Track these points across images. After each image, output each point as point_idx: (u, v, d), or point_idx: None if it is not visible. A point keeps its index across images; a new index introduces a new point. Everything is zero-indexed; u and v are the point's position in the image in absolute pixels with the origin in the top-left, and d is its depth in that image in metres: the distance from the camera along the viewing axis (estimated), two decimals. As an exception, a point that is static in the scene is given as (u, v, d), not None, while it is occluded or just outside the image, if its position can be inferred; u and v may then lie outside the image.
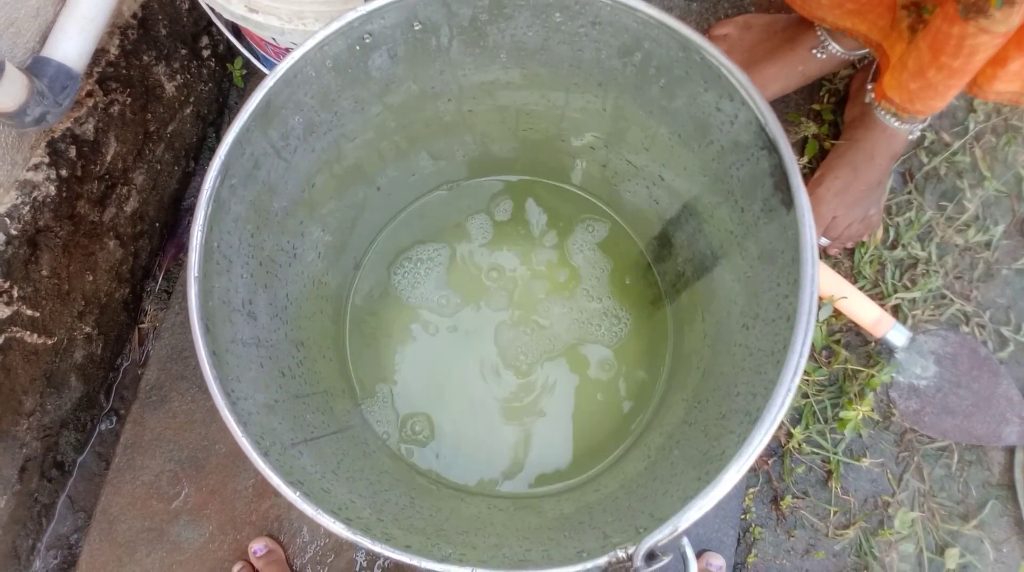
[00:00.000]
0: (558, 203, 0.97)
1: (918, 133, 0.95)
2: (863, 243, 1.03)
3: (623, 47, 0.66)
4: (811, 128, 1.06)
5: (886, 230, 1.04)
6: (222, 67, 1.12)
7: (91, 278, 0.95)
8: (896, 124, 0.90)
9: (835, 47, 0.95)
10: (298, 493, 0.56)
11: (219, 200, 0.61)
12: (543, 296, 0.94)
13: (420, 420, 0.90)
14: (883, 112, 0.90)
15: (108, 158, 0.92)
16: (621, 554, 0.54)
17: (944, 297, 1.03)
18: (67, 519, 1.04)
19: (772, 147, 0.60)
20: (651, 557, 0.53)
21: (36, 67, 0.78)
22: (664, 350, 0.91)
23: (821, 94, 1.08)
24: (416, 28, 0.65)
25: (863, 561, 0.97)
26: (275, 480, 0.56)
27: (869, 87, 0.92)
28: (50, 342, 0.91)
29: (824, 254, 1.04)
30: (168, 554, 0.98)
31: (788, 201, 0.59)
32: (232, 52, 1.12)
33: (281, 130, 0.66)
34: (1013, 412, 0.98)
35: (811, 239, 0.57)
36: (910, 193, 1.06)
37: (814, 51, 0.97)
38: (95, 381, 1.03)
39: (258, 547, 0.95)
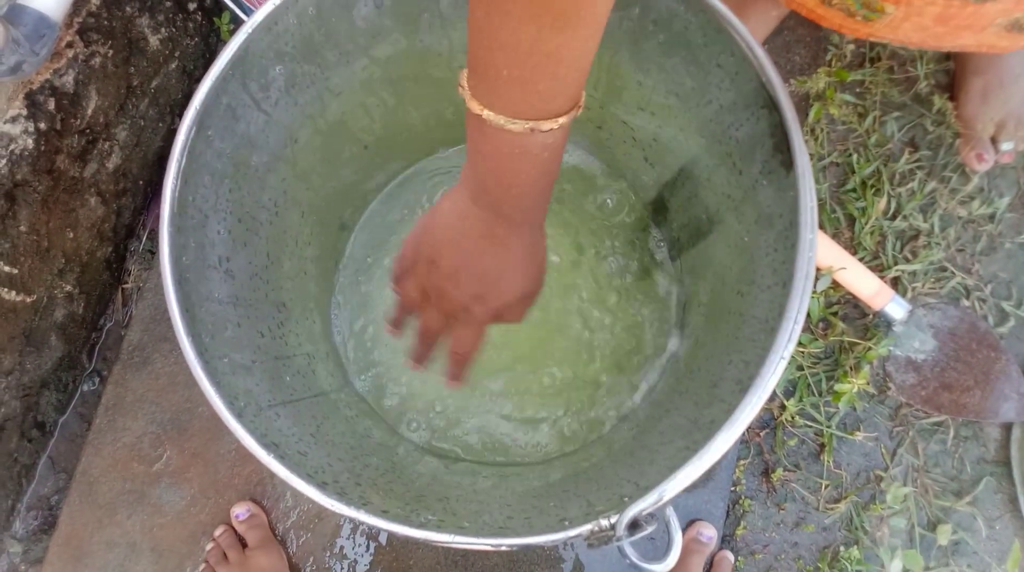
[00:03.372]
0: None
1: None
2: (864, 212, 1.00)
3: (621, 0, 0.63)
4: (822, 82, 1.03)
5: (888, 200, 1.01)
6: (209, 21, 1.09)
7: (72, 235, 0.93)
8: None
9: None
10: (272, 455, 0.54)
11: (194, 152, 0.58)
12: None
13: (406, 384, 0.88)
14: None
15: (89, 112, 0.89)
16: (604, 523, 0.52)
17: (945, 270, 1.01)
18: (48, 480, 1.03)
19: (773, 106, 0.57)
20: (634, 526, 0.52)
21: (12, 15, 0.75)
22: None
23: (828, 58, 1.05)
24: (403, -25, 0.62)
25: (853, 535, 0.96)
26: (248, 441, 0.54)
27: None
28: (29, 300, 0.89)
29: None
30: (149, 517, 0.96)
31: (788, 162, 0.57)
32: (219, 5, 1.09)
33: (261, 81, 0.63)
34: (1011, 388, 0.96)
35: (810, 201, 0.54)
36: (914, 163, 1.03)
37: None
38: (77, 341, 1.01)
39: (240, 511, 0.94)
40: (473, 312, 0.57)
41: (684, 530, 0.94)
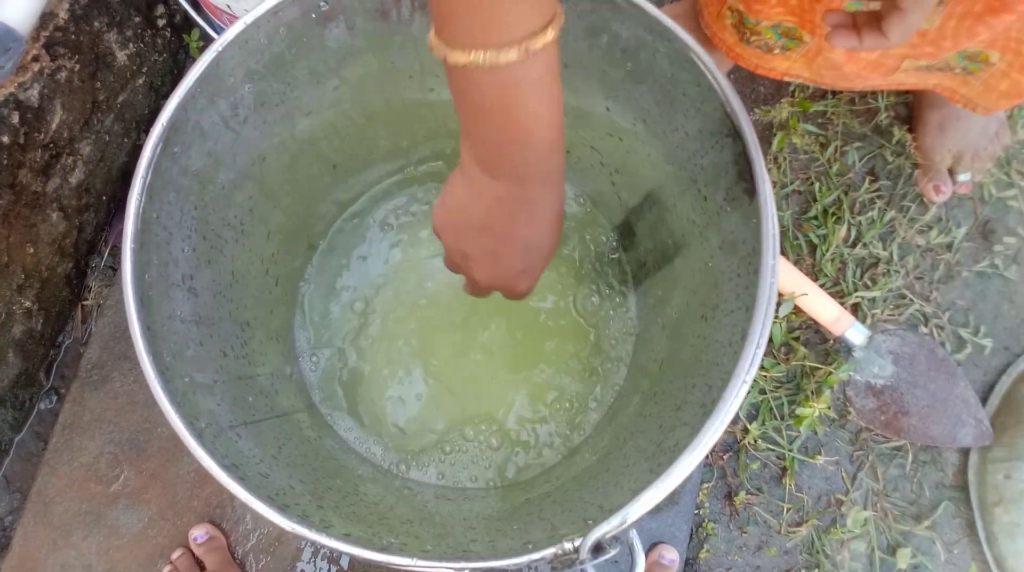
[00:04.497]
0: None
1: None
2: (825, 240, 1.02)
3: (589, 28, 0.64)
4: (785, 112, 1.05)
5: (848, 228, 1.03)
6: (178, 38, 1.08)
7: (32, 251, 0.92)
8: None
9: None
10: (232, 477, 0.53)
11: (159, 169, 0.58)
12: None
13: (370, 405, 0.87)
14: None
15: (53, 126, 0.88)
16: (568, 546, 0.52)
17: (904, 297, 1.03)
18: (2, 500, 1.00)
19: (736, 135, 0.58)
20: (598, 550, 0.52)
21: (-24, 26, 0.74)
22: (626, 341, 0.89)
23: (791, 89, 1.08)
24: (375, -2, 0.63)
25: (814, 559, 0.97)
26: (208, 462, 0.53)
27: None
28: (-15, 316, 0.88)
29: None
30: (105, 539, 0.94)
31: (751, 190, 0.58)
32: (189, 22, 1.08)
33: (230, 99, 0.63)
34: (969, 414, 0.98)
35: (772, 228, 0.55)
36: (874, 192, 1.05)
37: None
38: (35, 358, 0.99)
39: (199, 534, 0.93)
40: (520, 284, 0.56)
41: (647, 553, 0.94)
